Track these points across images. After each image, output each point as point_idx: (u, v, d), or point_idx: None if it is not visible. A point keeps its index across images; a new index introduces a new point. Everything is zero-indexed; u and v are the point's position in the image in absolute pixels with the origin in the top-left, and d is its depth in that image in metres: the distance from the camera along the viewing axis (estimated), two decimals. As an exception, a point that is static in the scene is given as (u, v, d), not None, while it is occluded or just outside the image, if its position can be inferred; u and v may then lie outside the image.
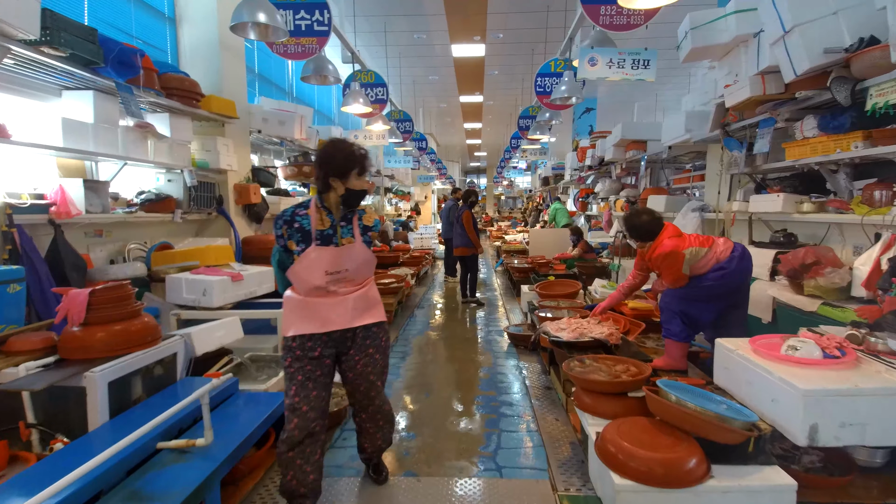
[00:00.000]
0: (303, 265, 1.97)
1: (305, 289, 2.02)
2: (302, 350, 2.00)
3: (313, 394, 1.99)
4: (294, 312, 2.02)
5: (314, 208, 2.02)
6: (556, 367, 3.41)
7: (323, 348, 2.03)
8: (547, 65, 5.01)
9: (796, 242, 3.46)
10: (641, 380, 2.21)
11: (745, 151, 3.73)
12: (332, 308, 2.02)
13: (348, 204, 2.05)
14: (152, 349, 2.37)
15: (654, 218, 2.87)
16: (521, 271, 6.78)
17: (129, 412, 2.20)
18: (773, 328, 3.15)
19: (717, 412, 1.88)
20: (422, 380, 3.68)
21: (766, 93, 3.20)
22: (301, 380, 1.98)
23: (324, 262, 1.97)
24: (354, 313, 2.06)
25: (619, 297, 3.21)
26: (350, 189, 2.00)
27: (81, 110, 3.37)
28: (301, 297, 2.03)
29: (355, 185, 2.00)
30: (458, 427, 2.89)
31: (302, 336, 2.00)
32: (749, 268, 2.78)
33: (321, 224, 2.02)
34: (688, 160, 5.71)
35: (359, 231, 2.08)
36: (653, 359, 2.82)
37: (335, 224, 2.04)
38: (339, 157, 1.97)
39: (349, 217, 2.09)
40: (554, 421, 2.86)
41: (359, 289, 2.10)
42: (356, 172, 1.99)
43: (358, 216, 2.12)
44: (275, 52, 3.76)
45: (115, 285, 2.35)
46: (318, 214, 2.02)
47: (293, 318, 2.02)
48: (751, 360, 2.13)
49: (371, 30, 7.25)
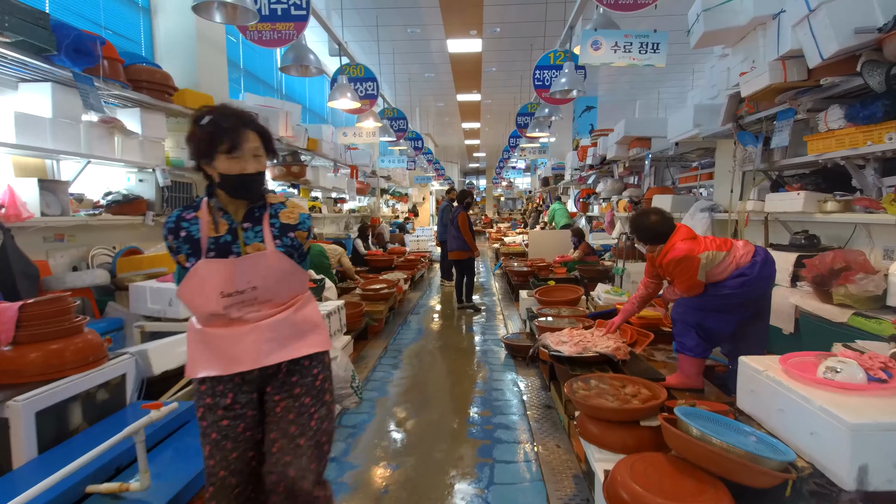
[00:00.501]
0: (189, 286, 1.44)
1: (201, 316, 1.51)
2: (213, 397, 1.50)
3: (233, 455, 1.49)
4: (196, 347, 1.52)
5: (204, 209, 1.49)
6: (556, 382, 3.12)
7: (237, 394, 1.51)
8: (546, 56, 4.72)
9: (819, 245, 3.17)
10: (656, 406, 1.92)
11: (762, 146, 3.43)
12: (236, 341, 1.47)
13: (245, 196, 1.50)
14: (94, 371, 2.08)
15: (665, 218, 2.57)
16: (520, 275, 6.48)
17: (63, 446, 1.91)
18: (795, 340, 2.85)
19: (747, 450, 1.58)
20: (410, 397, 3.37)
21: (787, 80, 2.90)
22: (216, 438, 1.48)
23: (217, 280, 1.42)
24: (271, 346, 1.49)
25: (631, 311, 2.89)
26: (226, 176, 1.44)
27: (39, 104, 3.08)
28: (200, 326, 1.51)
29: (225, 167, 1.42)
30: (448, 457, 2.58)
31: (212, 378, 1.50)
32: (772, 274, 2.48)
33: (214, 229, 1.49)
34: (695, 157, 5.41)
35: (271, 234, 1.52)
36: (665, 376, 2.52)
37: (234, 227, 1.50)
38: (202, 133, 1.43)
39: (257, 215, 1.54)
40: (555, 448, 2.55)
41: (279, 311, 1.52)
42: (224, 150, 1.41)
43: (272, 212, 1.56)
44: (248, 38, 3.47)
45: (51, 298, 2.06)
46: (209, 217, 1.48)
47: (195, 354, 1.51)
48: (783, 385, 1.83)
49: (362, 23, 6.97)
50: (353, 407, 3.06)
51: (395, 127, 7.44)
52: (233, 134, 1.41)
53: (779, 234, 3.57)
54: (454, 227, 6.20)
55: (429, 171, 14.33)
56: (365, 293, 5.14)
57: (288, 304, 1.56)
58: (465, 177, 31.19)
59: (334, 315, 3.71)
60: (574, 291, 4.58)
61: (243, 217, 1.52)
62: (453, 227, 6.22)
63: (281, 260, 1.50)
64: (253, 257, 1.47)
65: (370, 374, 3.78)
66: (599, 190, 7.71)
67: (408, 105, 11.55)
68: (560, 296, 4.54)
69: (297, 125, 5.72)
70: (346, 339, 3.98)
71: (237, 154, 1.42)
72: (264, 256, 1.48)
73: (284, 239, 1.55)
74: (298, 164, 6.24)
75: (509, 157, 13.38)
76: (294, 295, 1.58)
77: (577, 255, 6.65)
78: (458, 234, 6.17)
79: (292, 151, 6.17)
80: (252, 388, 1.54)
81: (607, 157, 6.52)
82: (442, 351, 4.51)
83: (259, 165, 1.48)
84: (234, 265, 1.44)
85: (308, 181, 6.78)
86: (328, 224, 8.31)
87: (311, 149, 6.43)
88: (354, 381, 3.09)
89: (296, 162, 6.22)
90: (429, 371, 3.92)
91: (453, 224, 6.21)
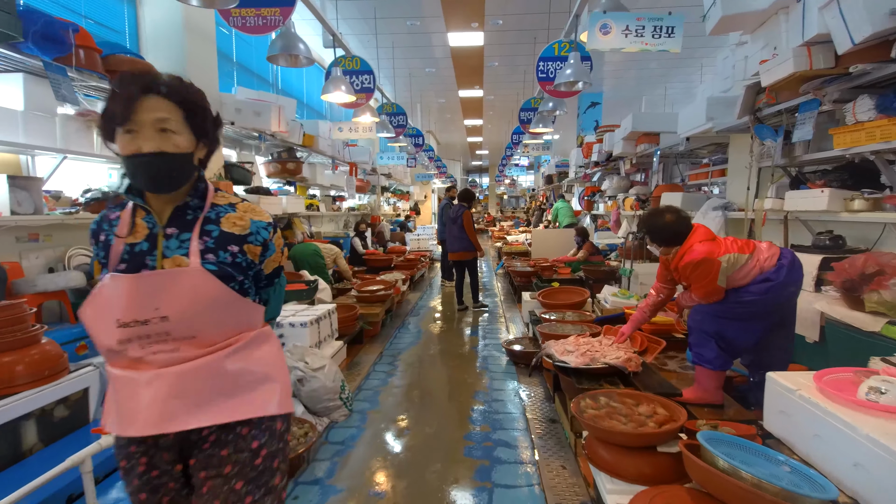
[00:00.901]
0: (90, 308, 1.11)
1: (101, 350, 1.13)
2: (127, 459, 1.16)
3: None
4: (109, 390, 1.16)
5: (129, 209, 1.16)
6: (561, 393, 2.90)
7: (152, 458, 1.15)
8: (550, 47, 4.49)
9: (844, 246, 2.95)
10: (675, 430, 1.70)
11: (781, 140, 3.21)
12: (132, 393, 1.07)
13: (152, 186, 1.10)
14: (51, 386, 1.88)
15: (681, 217, 2.36)
16: (522, 275, 6.27)
17: (14, 469, 1.72)
18: (820, 350, 2.63)
19: (782, 486, 1.36)
20: (403, 409, 3.15)
21: (812, 67, 2.68)
22: (143, 499, 1.15)
23: (118, 303, 1.06)
24: (177, 405, 1.07)
25: (642, 319, 2.67)
26: (122, 159, 1.07)
27: (10, 96, 2.90)
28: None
29: (120, 146, 1.07)
30: (443, 478, 2.35)
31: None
32: (800, 279, 2.27)
33: (132, 234, 1.13)
34: (706, 154, 5.19)
35: (198, 244, 1.11)
36: (681, 391, 2.30)
37: (155, 232, 1.12)
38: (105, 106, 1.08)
39: (189, 218, 1.15)
40: (560, 469, 2.33)
41: (202, 355, 1.09)
42: (118, 123, 1.06)
43: (211, 216, 1.16)
44: (231, 24, 3.26)
45: (2, 305, 1.86)
46: (129, 218, 1.14)
47: (108, 400, 1.17)
48: (820, 407, 1.61)
49: (360, 16, 6.75)
50: (342, 420, 2.86)
51: (394, 123, 7.23)
52: (127, 101, 1.04)
53: (799, 234, 3.35)
54: (457, 227, 5.98)
55: (430, 169, 14.12)
56: (360, 295, 4.93)
57: (219, 345, 1.12)
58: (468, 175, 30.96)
59: (324, 319, 3.50)
60: (579, 294, 4.37)
61: (168, 219, 1.14)
62: (456, 227, 5.99)
63: (208, 282, 1.08)
64: (164, 275, 1.07)
65: (363, 381, 3.57)
66: (605, 188, 7.49)
67: (408, 101, 11.33)
68: (565, 298, 4.32)
69: (291, 120, 5.52)
70: (338, 344, 3.77)
71: (130, 126, 1.04)
72: (183, 275, 1.07)
73: (222, 253, 1.13)
74: (294, 161, 6.04)
75: (512, 154, 13.14)
76: (233, 333, 1.14)
77: (582, 255, 6.44)
78: (462, 234, 5.95)
79: (288, 148, 5.97)
80: (171, 455, 1.15)
81: (613, 154, 6.29)
82: (440, 357, 4.30)
83: (166, 143, 1.06)
84: (135, 284, 1.06)
85: (305, 178, 6.58)
86: (326, 223, 8.11)
87: (308, 145, 6.23)
88: (344, 391, 2.89)
89: (291, 158, 6.02)
90: (425, 379, 3.71)
91: (456, 223, 5.98)
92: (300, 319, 3.21)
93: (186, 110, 1.10)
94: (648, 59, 9.21)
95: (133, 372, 1.08)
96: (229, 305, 1.12)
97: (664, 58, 9.03)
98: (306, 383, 2.67)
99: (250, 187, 5.21)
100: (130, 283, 1.06)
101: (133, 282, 1.06)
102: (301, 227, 6.35)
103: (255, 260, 1.19)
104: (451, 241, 6.09)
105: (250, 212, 1.21)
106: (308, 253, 5.29)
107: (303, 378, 2.67)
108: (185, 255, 1.10)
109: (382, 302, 4.93)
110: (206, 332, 1.10)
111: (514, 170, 19.44)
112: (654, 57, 8.95)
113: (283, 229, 5.95)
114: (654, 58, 9.03)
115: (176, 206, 1.15)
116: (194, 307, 1.07)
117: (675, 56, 9.00)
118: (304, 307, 3.75)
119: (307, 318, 3.22)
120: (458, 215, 5.99)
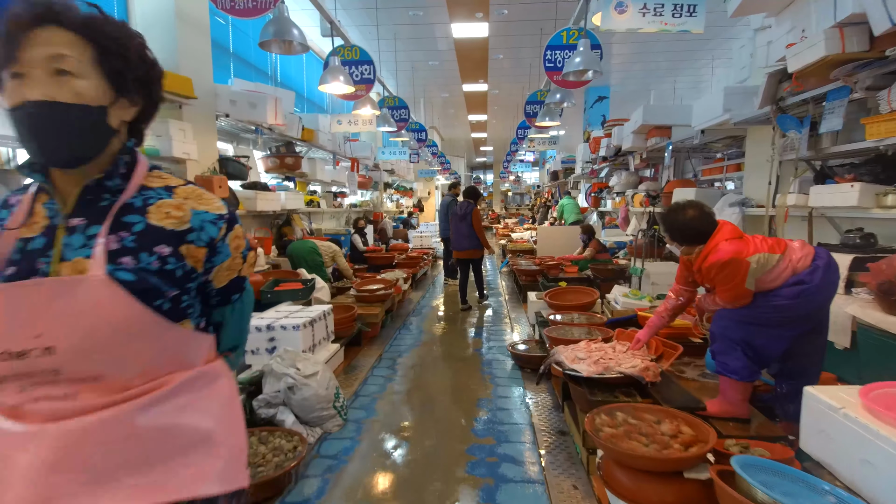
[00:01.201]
0: None
1: None
2: None
3: None
4: None
5: (31, 192, 0.86)
6: (571, 403, 2.72)
7: None
8: (558, 35, 4.28)
9: (876, 245, 2.74)
10: (703, 454, 1.51)
11: (807, 131, 3.00)
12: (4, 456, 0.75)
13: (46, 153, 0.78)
14: None
15: (704, 213, 2.16)
16: (528, 274, 6.07)
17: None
18: (853, 357, 2.43)
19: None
20: (402, 418, 2.97)
21: (845, 51, 2.46)
22: None
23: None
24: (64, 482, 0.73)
25: (660, 324, 2.46)
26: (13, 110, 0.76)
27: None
28: None
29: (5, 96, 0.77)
30: (442, 501, 2.15)
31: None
32: (836, 281, 2.07)
33: (26, 226, 0.82)
34: (720, 147, 4.96)
35: (106, 243, 0.79)
36: (704, 403, 2.11)
37: (55, 224, 0.82)
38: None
39: (103, 205, 0.83)
40: (571, 489, 2.13)
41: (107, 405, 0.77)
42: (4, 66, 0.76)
43: (134, 203, 0.84)
44: (220, 7, 3.08)
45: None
46: (29, 204, 0.85)
47: None
48: (870, 430, 1.42)
49: (361, 6, 6.55)
50: (336, 430, 2.67)
51: (395, 117, 7.03)
52: (12, 36, 0.74)
53: (824, 231, 3.14)
54: (465, 225, 5.78)
55: (433, 165, 13.92)
56: (359, 294, 4.75)
57: (136, 391, 0.79)
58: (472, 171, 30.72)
59: (320, 321, 3.32)
60: (588, 294, 4.17)
61: (75, 205, 0.82)
62: (464, 225, 5.80)
63: (116, 298, 0.76)
64: (51, 287, 0.75)
65: (360, 387, 3.39)
66: (613, 184, 7.27)
67: (411, 95, 11.12)
68: (573, 299, 4.12)
69: (289, 113, 5.34)
70: (335, 347, 3.59)
71: (16, 68, 0.75)
72: (79, 288, 0.75)
73: (145, 257, 0.80)
74: (293, 156, 5.86)
75: (517, 149, 12.93)
76: (157, 374, 0.82)
77: (589, 253, 6.23)
78: (471, 232, 5.76)
79: (286, 142, 5.79)
80: None
81: (622, 148, 6.07)
82: (442, 360, 4.11)
83: (62, 90, 0.76)
84: (5, 298, 0.75)
85: (304, 174, 6.41)
86: (328, 219, 7.93)
87: (307, 139, 6.05)
88: (339, 399, 2.71)
89: (290, 153, 5.84)
90: (426, 385, 3.53)
91: (465, 221, 5.79)
92: (293, 322, 3.03)
93: (100, 49, 0.79)
94: (657, 52, 8.96)
95: (9, 422, 0.75)
96: (148, 333, 0.79)
97: (673, 50, 8.78)
98: (297, 391, 2.49)
99: (247, 182, 5.04)
100: (17, 296, 0.74)
101: (4, 295, 0.74)
102: (301, 224, 6.18)
103: (196, 267, 0.87)
104: (459, 240, 5.90)
105: (194, 199, 0.88)
106: (305, 250, 5.12)
107: (293, 386, 2.49)
108: (88, 257, 0.78)
109: (382, 302, 4.75)
110: (115, 373, 0.77)
111: (518, 166, 19.22)
112: (663, 49, 8.70)
113: (281, 226, 5.82)
114: (663, 50, 8.78)
115: (86, 187, 0.82)
116: (94, 335, 0.75)
117: (685, 49, 8.77)
118: (298, 308, 3.57)
119: (300, 321, 3.04)
120: (466, 213, 5.79)
